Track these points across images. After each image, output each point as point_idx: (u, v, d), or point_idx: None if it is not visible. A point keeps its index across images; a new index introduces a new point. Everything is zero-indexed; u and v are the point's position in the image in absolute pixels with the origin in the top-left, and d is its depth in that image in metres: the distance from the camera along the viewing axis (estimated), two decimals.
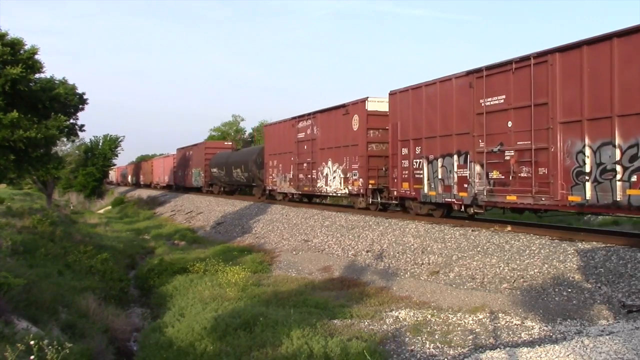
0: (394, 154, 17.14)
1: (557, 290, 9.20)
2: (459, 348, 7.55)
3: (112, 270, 15.00)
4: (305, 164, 23.33)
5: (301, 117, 23.94)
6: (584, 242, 10.87)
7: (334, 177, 21.00)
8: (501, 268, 10.65)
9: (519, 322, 8.44)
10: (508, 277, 10.23)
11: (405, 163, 16.59)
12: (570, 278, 9.42)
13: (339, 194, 21.26)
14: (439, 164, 15.08)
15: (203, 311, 10.34)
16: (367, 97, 19.04)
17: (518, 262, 10.63)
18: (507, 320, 8.60)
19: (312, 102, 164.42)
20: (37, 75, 18.13)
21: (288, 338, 7.87)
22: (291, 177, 24.59)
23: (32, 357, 5.08)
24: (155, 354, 8.71)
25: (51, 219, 19.12)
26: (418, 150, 16.06)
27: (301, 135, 23.76)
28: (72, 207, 42.12)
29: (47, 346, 5.24)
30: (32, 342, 5.33)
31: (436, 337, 8.07)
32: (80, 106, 24.29)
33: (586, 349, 6.36)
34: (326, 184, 21.61)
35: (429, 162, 15.56)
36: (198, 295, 11.86)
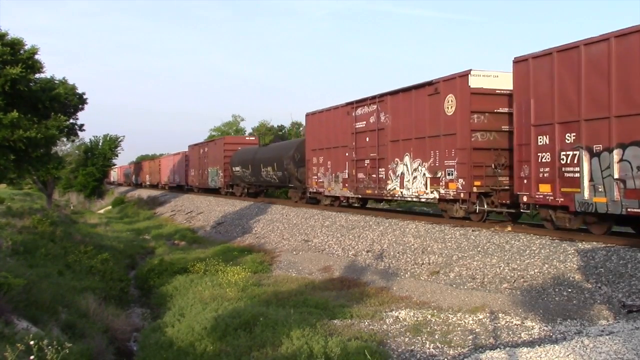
0: (524, 144, 12.63)
1: (557, 290, 9.20)
2: (459, 348, 7.55)
3: (112, 271, 15.01)
4: (367, 161, 18.73)
5: (361, 102, 19.28)
6: (584, 242, 10.87)
7: (415, 177, 16.44)
8: (501, 268, 10.65)
9: (519, 322, 8.44)
10: (508, 277, 10.23)
11: (545, 156, 12.10)
12: (571, 278, 9.42)
13: (422, 199, 16.50)
14: (616, 158, 10.49)
15: (203, 311, 10.33)
16: (470, 70, 14.42)
17: (518, 262, 10.63)
18: (507, 320, 8.60)
19: (312, 102, 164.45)
20: (37, 75, 18.12)
21: (288, 338, 7.87)
22: (345, 176, 20.08)
23: (32, 357, 5.08)
24: (156, 354, 8.71)
25: (51, 219, 19.13)
26: (571, 138, 11.50)
27: (360, 124, 19.22)
28: (72, 207, 42.14)
29: (47, 346, 5.24)
30: (32, 342, 5.33)
31: (436, 337, 8.07)
32: (80, 106, 24.30)
33: (586, 349, 6.36)
34: (402, 186, 17.02)
35: (594, 154, 10.99)
36: (198, 295, 11.86)
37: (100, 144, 54.42)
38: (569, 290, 9.08)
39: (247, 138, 37.63)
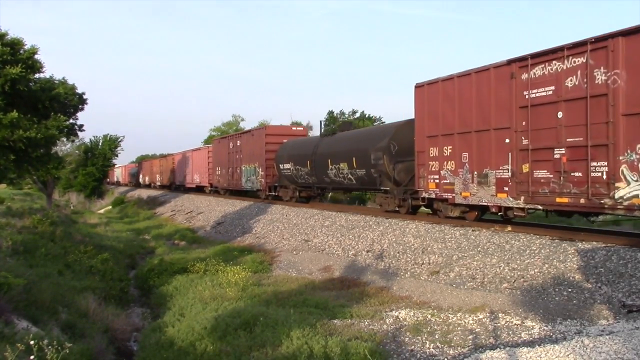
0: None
1: (557, 290, 9.20)
2: (459, 348, 7.55)
3: (112, 270, 15.01)
4: (558, 150, 11.67)
5: (544, 56, 12.06)
6: (584, 242, 10.87)
7: None
8: (501, 268, 10.65)
9: (519, 322, 8.44)
10: (508, 277, 10.23)
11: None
12: (571, 278, 9.42)
13: None
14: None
15: (203, 311, 10.34)
16: None
17: (518, 262, 10.63)
18: (507, 320, 8.60)
19: (312, 102, 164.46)
20: (36, 75, 18.13)
21: (288, 338, 7.87)
22: (505, 175, 12.99)
23: (32, 357, 5.07)
24: (156, 354, 8.71)
25: (51, 219, 19.12)
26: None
27: (541, 92, 12.09)
28: (72, 207, 42.13)
29: (47, 346, 5.23)
30: (32, 342, 5.32)
31: (436, 337, 8.07)
32: (80, 106, 24.29)
33: (586, 349, 6.36)
34: None
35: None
36: (198, 295, 11.86)
37: (100, 144, 54.45)
38: (569, 290, 9.08)
39: (293, 128, 29.99)
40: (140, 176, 65.79)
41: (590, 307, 8.46)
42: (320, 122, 25.04)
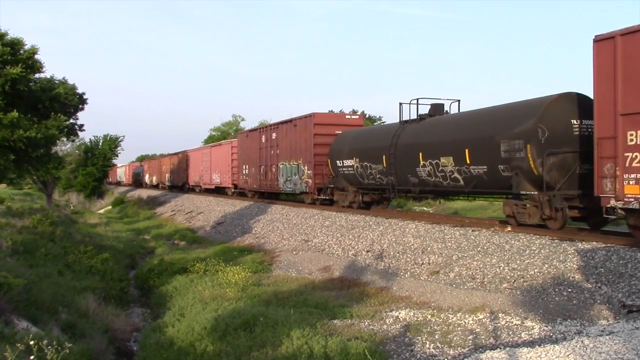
0: None
1: (557, 290, 9.20)
2: (459, 348, 7.55)
3: (112, 270, 15.02)
4: None
5: None
6: (584, 242, 10.86)
7: None
8: (501, 268, 10.65)
9: (519, 322, 8.44)
10: (508, 277, 10.23)
11: None
12: (571, 278, 9.41)
13: None
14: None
15: (203, 311, 10.34)
16: None
17: (518, 262, 10.63)
18: (507, 320, 8.59)
19: (312, 101, 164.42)
20: (37, 75, 18.13)
21: (288, 338, 7.87)
22: None
23: (32, 357, 5.08)
24: (156, 354, 8.71)
25: (51, 219, 19.13)
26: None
27: None
28: (72, 207, 42.12)
29: (47, 346, 5.24)
30: (32, 342, 5.33)
31: (436, 337, 8.07)
32: (80, 106, 24.28)
33: (586, 349, 6.36)
34: None
35: None
36: (198, 295, 11.87)
37: (100, 144, 54.45)
38: (569, 290, 9.08)
39: (347, 116, 24.39)
40: (147, 176, 61.08)
41: (590, 307, 8.46)
42: (400, 104, 17.64)
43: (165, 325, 10.20)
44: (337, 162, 20.45)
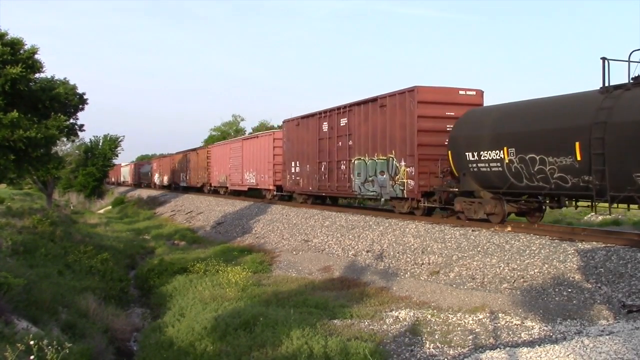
0: None
1: (557, 290, 9.20)
2: (459, 348, 7.55)
3: (112, 270, 15.02)
4: None
5: None
6: (584, 242, 10.87)
7: None
8: (501, 268, 10.65)
9: (519, 322, 8.44)
10: (508, 277, 10.23)
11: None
12: (570, 278, 9.41)
13: None
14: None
15: (203, 311, 10.34)
16: None
17: (518, 262, 10.63)
18: (507, 320, 8.60)
19: (312, 102, 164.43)
20: (37, 75, 18.13)
21: (288, 338, 7.87)
22: None
23: (32, 357, 5.07)
24: (156, 354, 8.71)
25: (51, 219, 19.12)
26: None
27: None
28: (72, 207, 42.09)
29: (47, 346, 5.23)
30: (32, 342, 5.32)
31: (436, 337, 8.07)
32: (80, 106, 24.27)
33: (586, 349, 6.36)
34: None
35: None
36: (198, 295, 11.87)
37: (100, 144, 54.41)
38: (569, 290, 9.08)
39: (461, 92, 16.64)
40: (156, 175, 55.34)
41: (590, 307, 8.46)
42: (605, 60, 11.14)
43: (165, 325, 10.20)
44: (468, 155, 13.98)
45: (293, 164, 24.31)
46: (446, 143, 15.20)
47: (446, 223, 14.99)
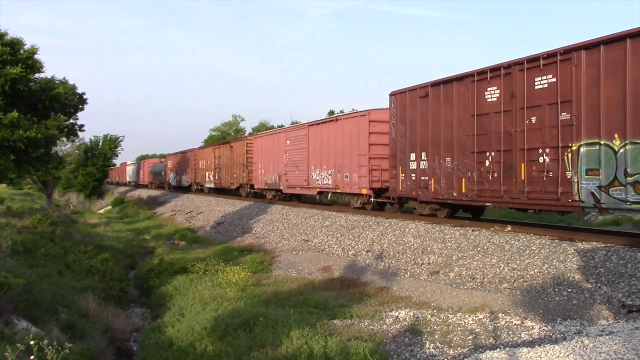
0: None
1: (557, 290, 9.20)
2: (459, 348, 7.54)
3: (112, 270, 15.01)
4: None
5: None
6: (584, 242, 10.87)
7: None
8: (501, 268, 10.65)
9: (519, 322, 8.44)
10: (508, 277, 10.23)
11: None
12: (570, 278, 9.41)
13: None
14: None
15: (203, 311, 10.34)
16: None
17: (518, 262, 10.63)
18: (507, 320, 8.60)
19: (312, 102, 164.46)
20: (37, 75, 18.13)
21: (288, 338, 7.87)
22: None
23: (32, 357, 5.08)
24: (156, 354, 8.71)
25: (51, 219, 19.12)
26: None
27: None
28: (72, 207, 42.10)
29: (47, 346, 5.24)
30: (32, 342, 5.33)
31: (436, 337, 8.07)
32: (80, 106, 24.25)
33: (586, 349, 6.36)
34: None
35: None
36: (198, 295, 11.87)
37: (100, 144, 54.40)
38: (569, 290, 9.08)
39: None
40: (171, 175, 49.14)
41: (590, 307, 8.46)
42: None
43: (165, 325, 10.20)
44: None
45: (414, 157, 16.42)
46: None
47: (446, 223, 14.99)
